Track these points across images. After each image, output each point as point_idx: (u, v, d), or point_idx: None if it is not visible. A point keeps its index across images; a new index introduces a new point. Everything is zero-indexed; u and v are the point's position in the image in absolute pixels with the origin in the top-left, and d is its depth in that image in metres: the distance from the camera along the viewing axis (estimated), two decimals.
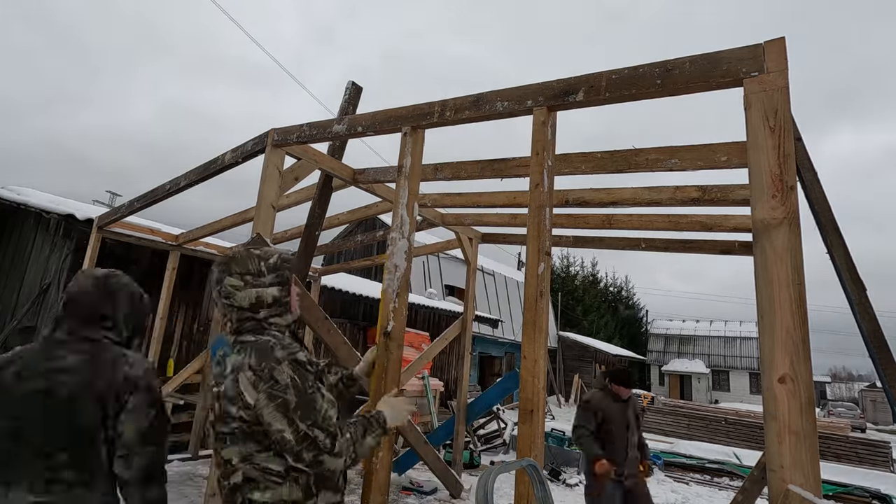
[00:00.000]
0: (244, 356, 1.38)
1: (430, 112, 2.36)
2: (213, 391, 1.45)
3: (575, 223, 4.27)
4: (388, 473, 2.13)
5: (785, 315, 1.34)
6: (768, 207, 1.42)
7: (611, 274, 49.58)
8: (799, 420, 1.27)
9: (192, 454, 5.75)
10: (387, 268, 2.30)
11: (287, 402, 1.32)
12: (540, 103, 1.99)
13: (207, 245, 6.07)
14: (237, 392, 1.34)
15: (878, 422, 28.47)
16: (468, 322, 5.47)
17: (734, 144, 2.55)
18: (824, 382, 44.19)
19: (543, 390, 1.80)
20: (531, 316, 1.82)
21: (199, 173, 3.83)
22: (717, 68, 1.62)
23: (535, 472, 1.55)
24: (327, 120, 2.96)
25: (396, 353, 2.21)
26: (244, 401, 1.33)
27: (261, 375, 1.33)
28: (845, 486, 7.18)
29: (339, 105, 3.83)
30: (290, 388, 1.34)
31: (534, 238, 1.87)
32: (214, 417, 1.42)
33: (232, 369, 1.38)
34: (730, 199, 3.06)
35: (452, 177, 3.48)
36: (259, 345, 1.40)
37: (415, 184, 2.36)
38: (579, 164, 2.97)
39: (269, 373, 1.34)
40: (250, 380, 1.34)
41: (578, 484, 6.42)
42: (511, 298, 21.23)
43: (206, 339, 6.71)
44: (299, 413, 1.33)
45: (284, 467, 1.36)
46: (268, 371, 1.34)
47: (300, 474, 1.38)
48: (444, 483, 4.79)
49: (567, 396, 22.16)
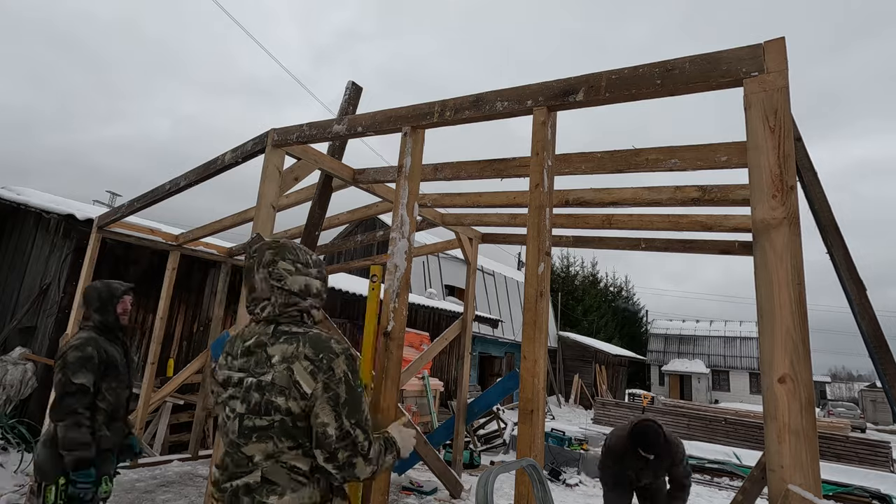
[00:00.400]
0: (297, 345, 1.35)
1: (430, 112, 2.36)
2: (246, 382, 1.36)
3: (575, 223, 4.27)
4: (389, 473, 2.13)
5: (785, 315, 1.34)
6: (768, 207, 1.42)
7: (611, 274, 49.57)
8: (799, 420, 1.27)
9: (191, 454, 5.75)
10: (387, 268, 2.30)
11: (338, 396, 1.32)
12: (540, 103, 1.99)
13: (207, 245, 6.07)
14: (291, 381, 1.31)
15: (878, 422, 28.46)
16: (468, 322, 5.47)
17: (734, 144, 2.55)
18: (824, 382, 44.14)
19: (543, 390, 1.80)
20: (531, 316, 1.82)
21: (198, 173, 3.83)
22: (717, 68, 1.62)
23: (535, 472, 1.55)
24: (327, 120, 2.96)
25: (396, 353, 2.21)
26: (300, 390, 1.30)
27: (319, 366, 1.33)
28: (845, 486, 7.17)
29: (339, 105, 3.83)
30: (342, 383, 1.34)
31: (534, 238, 1.87)
32: (247, 409, 1.33)
33: (283, 358, 1.34)
34: (730, 199, 3.06)
35: (452, 177, 3.48)
36: (313, 336, 1.39)
37: (415, 184, 2.36)
38: (579, 164, 2.97)
39: (329, 363, 1.34)
40: (307, 369, 1.32)
41: (578, 484, 6.42)
42: (511, 298, 21.23)
43: (206, 339, 6.71)
44: (347, 409, 1.32)
45: (310, 467, 1.33)
46: (326, 361, 1.34)
47: (322, 476, 1.36)
48: (444, 483, 4.79)
49: (567, 396, 22.15)
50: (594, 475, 6.85)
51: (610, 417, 14.42)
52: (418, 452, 4.42)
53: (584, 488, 6.37)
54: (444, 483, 4.78)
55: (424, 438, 4.47)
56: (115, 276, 6.06)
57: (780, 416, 1.29)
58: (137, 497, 4.19)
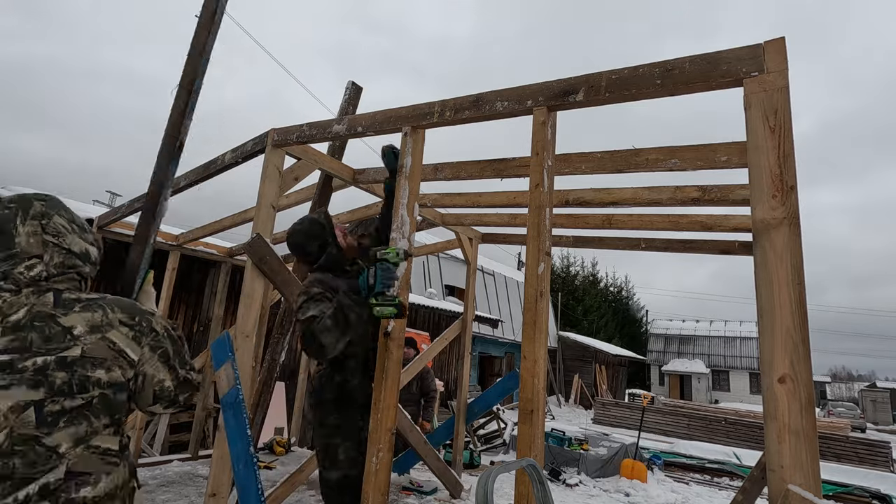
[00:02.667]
0: (103, 312, 1.23)
1: (430, 112, 2.36)
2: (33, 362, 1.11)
3: (575, 223, 4.27)
4: (388, 473, 2.13)
5: (785, 315, 1.34)
6: (768, 207, 1.42)
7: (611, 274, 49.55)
8: (799, 420, 1.27)
9: (192, 454, 5.75)
10: None
11: (168, 352, 1.33)
12: (540, 103, 1.99)
13: (207, 245, 6.07)
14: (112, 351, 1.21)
15: (878, 422, 28.47)
16: (468, 322, 5.47)
17: (734, 144, 2.55)
18: (824, 382, 44.18)
19: (543, 390, 1.80)
20: (531, 316, 1.82)
21: (198, 173, 3.83)
22: (717, 68, 1.62)
23: (535, 472, 1.55)
24: (327, 120, 2.97)
25: (396, 353, 2.21)
26: (127, 358, 1.23)
27: (141, 329, 1.27)
28: (845, 486, 7.18)
29: (339, 105, 3.83)
30: (167, 338, 1.34)
31: (534, 238, 1.87)
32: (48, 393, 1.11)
33: (91, 328, 1.19)
34: (730, 199, 3.06)
35: (452, 177, 3.47)
36: (116, 300, 1.29)
37: (415, 184, 2.36)
38: (579, 164, 2.97)
39: (149, 325, 1.30)
40: (129, 335, 1.24)
41: (578, 484, 6.42)
42: (511, 298, 21.24)
43: (206, 339, 6.71)
44: (178, 360, 1.36)
45: (120, 445, 1.25)
46: (146, 323, 1.29)
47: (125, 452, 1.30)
48: (444, 483, 4.79)
49: (567, 396, 22.16)
50: (594, 475, 6.85)
51: (610, 417, 14.43)
52: (418, 452, 4.42)
53: (584, 488, 6.37)
54: (444, 483, 4.78)
55: (424, 438, 4.47)
56: (115, 277, 6.06)
57: (780, 416, 1.29)
58: (137, 497, 4.19)
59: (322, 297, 2.19)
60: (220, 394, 2.55)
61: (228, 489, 2.63)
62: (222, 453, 2.54)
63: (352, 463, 2.25)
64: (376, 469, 2.07)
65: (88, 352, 1.17)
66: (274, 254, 2.87)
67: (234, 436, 2.45)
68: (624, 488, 6.42)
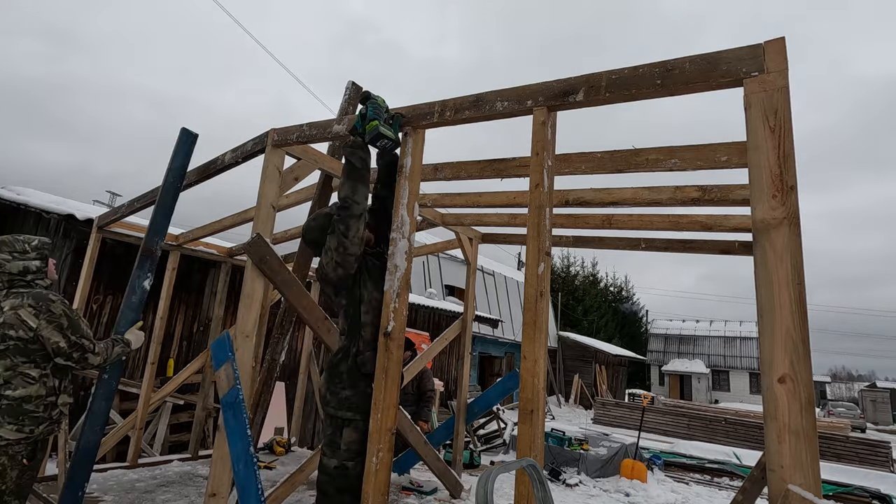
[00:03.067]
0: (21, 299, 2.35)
1: (430, 112, 2.36)
2: None
3: (575, 223, 4.27)
4: (388, 473, 2.13)
5: (785, 315, 1.34)
6: (768, 207, 1.42)
7: (611, 274, 49.53)
8: (799, 420, 1.27)
9: (191, 454, 5.75)
10: (387, 268, 2.30)
11: (62, 324, 2.38)
12: (540, 103, 1.99)
13: (207, 245, 6.06)
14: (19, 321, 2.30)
15: (878, 422, 28.47)
16: (468, 322, 5.47)
17: (734, 144, 2.55)
18: (824, 382, 44.17)
19: (543, 390, 1.80)
20: (531, 316, 1.82)
21: (198, 173, 3.83)
22: (717, 68, 1.62)
23: (535, 472, 1.55)
24: (327, 120, 2.96)
25: (396, 353, 2.21)
26: (27, 325, 2.31)
27: (40, 309, 2.35)
28: (845, 486, 7.18)
29: (339, 105, 3.83)
30: (63, 316, 2.39)
31: (534, 238, 1.87)
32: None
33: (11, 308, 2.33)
34: (730, 199, 3.06)
35: (452, 177, 3.47)
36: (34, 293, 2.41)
37: (415, 184, 2.36)
38: (579, 164, 2.97)
39: (47, 307, 2.37)
40: (31, 312, 2.33)
41: (578, 484, 6.42)
42: (511, 298, 21.23)
43: (206, 339, 6.71)
44: (70, 329, 2.40)
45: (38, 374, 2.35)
46: (45, 306, 2.36)
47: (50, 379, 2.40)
48: (444, 483, 4.78)
49: (567, 396, 22.15)
50: (594, 475, 6.85)
51: (610, 417, 14.43)
52: (418, 452, 4.41)
53: (584, 488, 6.37)
54: (444, 483, 4.77)
55: (424, 438, 4.47)
56: (115, 277, 6.07)
57: (780, 416, 1.29)
58: (137, 497, 4.19)
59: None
60: (220, 394, 2.55)
61: (228, 489, 2.63)
62: (222, 453, 2.54)
63: (353, 454, 2.19)
64: (376, 469, 2.07)
65: (7, 319, 2.32)
66: (274, 254, 2.87)
67: (234, 436, 2.45)
68: (624, 488, 6.42)
